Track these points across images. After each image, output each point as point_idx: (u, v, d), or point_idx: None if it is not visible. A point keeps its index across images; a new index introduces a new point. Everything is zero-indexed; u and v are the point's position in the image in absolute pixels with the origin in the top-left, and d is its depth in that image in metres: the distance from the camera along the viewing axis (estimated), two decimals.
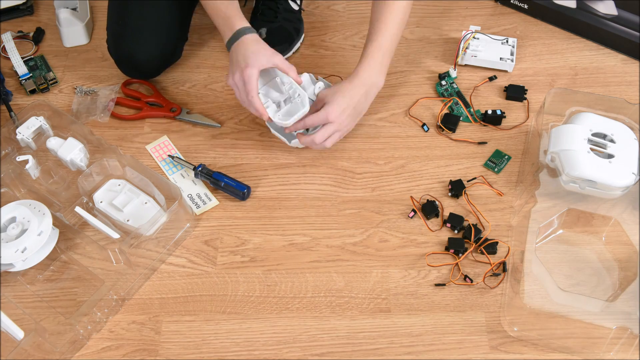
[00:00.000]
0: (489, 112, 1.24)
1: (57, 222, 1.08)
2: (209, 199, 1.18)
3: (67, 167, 1.17)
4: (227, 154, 1.23)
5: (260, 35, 1.16)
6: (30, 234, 1.04)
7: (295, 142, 1.18)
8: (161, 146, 1.24)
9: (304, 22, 1.40)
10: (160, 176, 1.12)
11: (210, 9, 1.17)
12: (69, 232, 1.11)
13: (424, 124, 1.26)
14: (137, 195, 1.13)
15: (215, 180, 1.17)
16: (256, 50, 1.11)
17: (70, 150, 1.14)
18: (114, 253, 1.06)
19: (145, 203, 1.12)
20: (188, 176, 1.20)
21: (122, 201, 1.12)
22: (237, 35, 1.13)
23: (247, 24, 1.15)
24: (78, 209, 1.08)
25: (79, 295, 1.07)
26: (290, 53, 1.36)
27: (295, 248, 1.12)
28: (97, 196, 1.13)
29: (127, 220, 1.10)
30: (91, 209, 1.13)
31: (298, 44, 1.38)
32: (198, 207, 1.17)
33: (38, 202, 1.09)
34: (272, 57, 1.12)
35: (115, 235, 1.06)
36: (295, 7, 1.39)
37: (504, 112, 1.24)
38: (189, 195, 1.18)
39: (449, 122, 1.25)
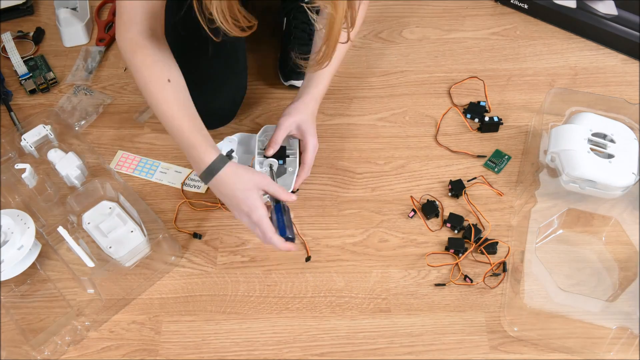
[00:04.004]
0: (487, 119, 1.24)
1: (41, 237, 1.08)
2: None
3: (64, 181, 1.16)
4: None
5: (230, 157, 1.09)
6: (11, 247, 1.03)
7: None
8: (123, 161, 1.23)
9: None
10: (148, 209, 1.11)
11: (172, 131, 1.03)
12: (50, 249, 1.10)
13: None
14: (124, 222, 1.10)
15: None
16: (244, 187, 1.00)
17: (68, 166, 1.14)
18: (86, 281, 1.04)
19: (132, 232, 1.10)
20: (168, 171, 1.21)
21: (108, 226, 1.10)
22: (212, 171, 1.00)
23: (217, 153, 1.01)
24: (60, 229, 1.05)
25: (46, 318, 1.05)
26: None
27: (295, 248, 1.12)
28: (86, 216, 1.12)
29: (109, 247, 1.08)
30: (76, 228, 1.11)
31: None
32: (199, 187, 1.19)
33: (26, 213, 1.07)
34: (260, 183, 1.01)
35: (90, 264, 1.03)
36: None
37: (501, 119, 1.24)
38: (185, 184, 1.19)
39: (475, 112, 1.26)
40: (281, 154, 1.13)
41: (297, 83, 1.29)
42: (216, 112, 1.22)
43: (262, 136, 1.16)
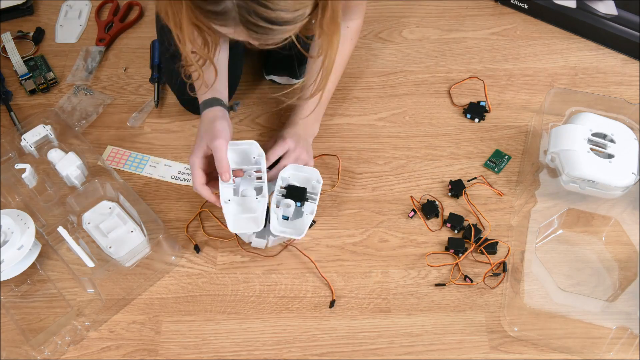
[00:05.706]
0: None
1: (41, 237, 1.08)
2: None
3: (64, 181, 1.16)
4: None
5: (233, 108, 1.09)
6: (10, 247, 1.03)
7: (256, 242, 1.09)
8: (113, 156, 1.23)
9: None
10: (148, 209, 1.11)
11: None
12: (50, 249, 1.10)
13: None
14: (124, 222, 1.10)
15: None
16: (203, 134, 1.05)
17: (68, 166, 1.13)
18: (86, 281, 1.04)
19: (132, 232, 1.10)
20: (158, 165, 1.21)
21: (108, 226, 1.10)
22: (202, 108, 1.07)
23: (211, 96, 1.08)
24: (60, 229, 1.05)
25: (46, 318, 1.05)
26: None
27: (295, 248, 1.12)
28: (86, 216, 1.12)
29: (110, 247, 1.08)
30: (76, 228, 1.11)
31: None
32: (188, 180, 1.19)
33: (26, 213, 1.07)
34: (211, 141, 1.03)
35: (90, 264, 1.03)
36: None
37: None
38: (173, 177, 1.19)
39: (475, 112, 1.27)
40: (301, 196, 1.07)
41: (278, 79, 1.30)
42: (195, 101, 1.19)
43: (285, 173, 1.09)
